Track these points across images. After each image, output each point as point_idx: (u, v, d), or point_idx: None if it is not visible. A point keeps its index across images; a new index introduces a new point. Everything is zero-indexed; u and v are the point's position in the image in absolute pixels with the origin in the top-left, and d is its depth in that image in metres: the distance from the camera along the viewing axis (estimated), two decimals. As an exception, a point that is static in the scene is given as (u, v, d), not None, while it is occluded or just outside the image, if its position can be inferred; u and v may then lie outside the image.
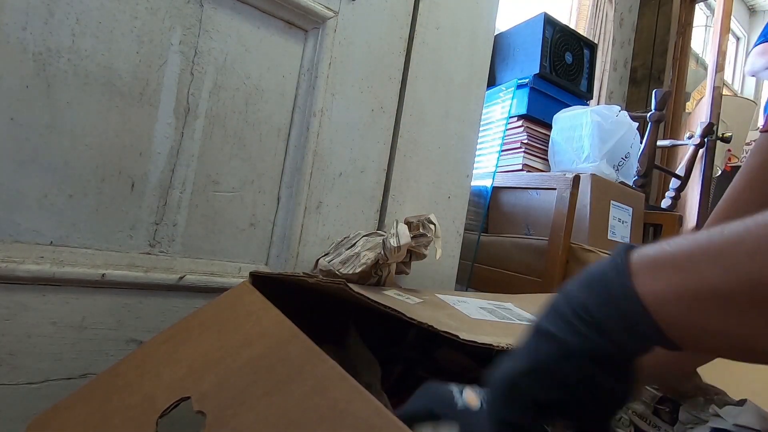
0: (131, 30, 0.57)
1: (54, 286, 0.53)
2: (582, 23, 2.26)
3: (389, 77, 0.80)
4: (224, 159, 0.65)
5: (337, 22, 0.72)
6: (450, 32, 0.87)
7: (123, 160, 0.57)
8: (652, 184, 2.13)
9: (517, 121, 1.45)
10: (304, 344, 0.32)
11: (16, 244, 0.51)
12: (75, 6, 0.53)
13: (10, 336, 0.51)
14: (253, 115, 0.67)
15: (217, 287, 0.63)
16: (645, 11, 2.58)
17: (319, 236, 0.73)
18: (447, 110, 0.87)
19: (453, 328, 0.36)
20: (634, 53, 2.57)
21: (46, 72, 0.52)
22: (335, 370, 0.28)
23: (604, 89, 2.31)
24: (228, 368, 0.33)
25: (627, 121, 1.36)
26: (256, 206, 0.69)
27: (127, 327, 0.58)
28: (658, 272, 0.23)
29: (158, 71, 0.59)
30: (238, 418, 0.28)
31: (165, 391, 0.34)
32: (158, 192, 0.60)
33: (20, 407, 0.52)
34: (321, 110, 0.71)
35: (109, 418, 0.34)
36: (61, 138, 0.53)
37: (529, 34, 1.50)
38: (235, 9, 0.64)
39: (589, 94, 1.62)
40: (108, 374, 0.40)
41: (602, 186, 1.19)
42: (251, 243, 0.69)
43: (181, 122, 0.61)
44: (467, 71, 0.90)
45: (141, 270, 0.59)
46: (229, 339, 0.37)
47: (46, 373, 0.53)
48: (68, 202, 0.54)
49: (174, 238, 0.62)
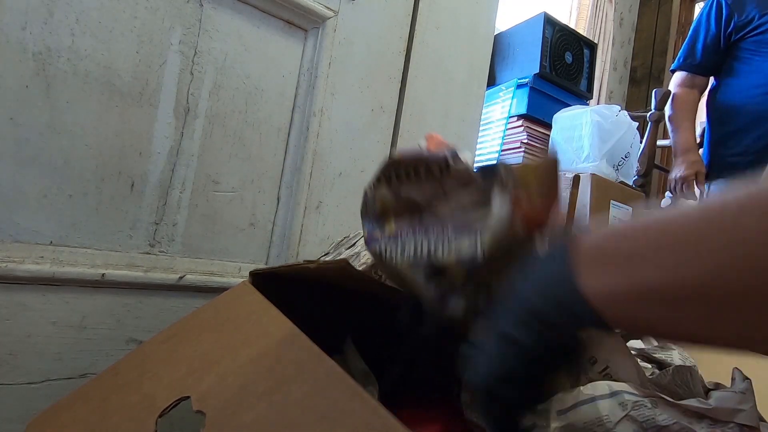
0: (131, 30, 0.57)
1: (54, 286, 0.53)
2: (582, 23, 2.26)
3: (389, 77, 0.80)
4: (224, 159, 0.65)
5: (337, 21, 0.72)
6: (450, 32, 0.87)
7: (123, 160, 0.57)
8: (652, 184, 2.13)
9: (517, 120, 1.45)
10: (304, 344, 0.32)
11: (16, 244, 0.51)
12: (75, 6, 0.53)
13: (10, 336, 0.51)
14: (253, 115, 0.67)
15: (217, 287, 0.63)
16: (645, 11, 2.58)
17: (319, 236, 0.73)
18: (447, 110, 0.87)
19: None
20: (634, 53, 2.57)
21: (45, 72, 0.52)
22: (335, 370, 0.28)
23: (604, 89, 2.31)
24: (228, 368, 0.33)
25: (627, 121, 1.36)
26: (256, 206, 0.69)
27: (127, 327, 0.58)
28: (602, 269, 0.23)
29: (158, 71, 0.59)
30: (237, 417, 0.28)
31: (165, 391, 0.34)
32: (158, 192, 0.60)
33: (20, 407, 0.52)
34: (321, 110, 0.71)
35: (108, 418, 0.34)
36: (61, 138, 0.53)
37: (529, 33, 1.50)
38: (235, 9, 0.64)
39: (589, 93, 1.62)
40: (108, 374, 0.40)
41: (602, 186, 1.19)
42: (251, 243, 0.69)
43: (181, 122, 0.61)
44: (467, 71, 0.90)
45: (141, 270, 0.59)
46: (229, 339, 0.37)
47: (46, 373, 0.53)
48: (68, 202, 0.54)
49: (174, 237, 0.62)
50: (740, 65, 1.30)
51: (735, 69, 1.31)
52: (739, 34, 1.28)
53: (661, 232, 0.21)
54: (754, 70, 1.26)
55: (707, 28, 1.33)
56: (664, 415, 0.28)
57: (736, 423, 0.28)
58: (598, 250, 0.23)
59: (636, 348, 0.52)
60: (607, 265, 0.22)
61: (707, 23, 1.33)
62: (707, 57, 1.34)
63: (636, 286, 0.21)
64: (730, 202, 0.19)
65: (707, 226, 0.19)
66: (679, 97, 1.37)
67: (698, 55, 1.35)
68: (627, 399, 0.29)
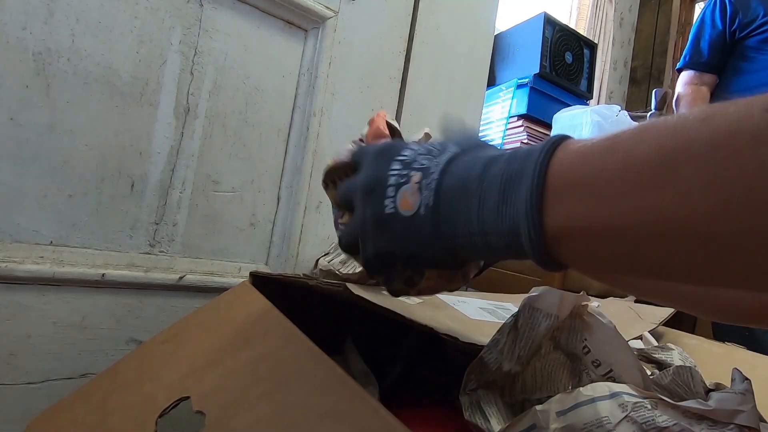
0: (131, 30, 0.57)
1: (54, 286, 0.53)
2: (582, 23, 2.26)
3: (389, 77, 0.80)
4: (224, 159, 0.65)
5: (337, 21, 0.72)
6: (450, 32, 0.87)
7: (123, 160, 0.57)
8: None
9: (517, 120, 1.45)
10: (304, 344, 0.32)
11: (16, 244, 0.51)
12: (75, 6, 0.53)
13: (10, 336, 0.51)
14: (253, 115, 0.67)
15: (217, 287, 0.63)
16: (645, 11, 2.58)
17: (319, 236, 0.73)
18: (447, 110, 0.87)
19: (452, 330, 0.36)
20: (634, 53, 2.57)
21: (45, 72, 0.52)
22: (335, 370, 0.28)
23: (604, 89, 2.31)
24: (228, 368, 0.33)
25: (627, 121, 1.36)
26: (256, 206, 0.69)
27: (127, 327, 0.58)
28: (574, 197, 0.20)
29: (158, 71, 0.59)
30: (237, 417, 0.28)
31: (164, 391, 0.34)
32: (158, 192, 0.60)
33: (20, 407, 0.52)
34: (321, 110, 0.71)
35: (108, 418, 0.34)
36: (61, 138, 0.53)
37: (529, 33, 1.50)
38: (235, 9, 0.64)
39: (589, 93, 1.62)
40: (108, 374, 0.40)
41: (602, 186, 1.19)
42: (251, 243, 0.69)
43: (181, 122, 0.61)
44: (467, 71, 0.90)
45: (141, 270, 0.59)
46: (229, 339, 0.37)
47: (46, 373, 0.53)
48: (68, 202, 0.54)
49: (174, 237, 0.62)
50: (744, 64, 1.29)
51: (739, 67, 1.30)
52: (743, 32, 1.28)
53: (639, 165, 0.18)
54: (758, 68, 1.26)
55: (712, 25, 1.32)
56: (663, 417, 0.28)
57: (736, 424, 0.28)
58: (574, 173, 0.20)
59: (636, 348, 0.52)
60: (579, 194, 0.20)
61: (712, 21, 1.32)
62: (714, 54, 1.33)
63: (601, 222, 0.19)
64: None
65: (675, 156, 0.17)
66: (688, 96, 1.36)
67: (705, 52, 1.34)
68: (627, 400, 0.29)
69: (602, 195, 0.19)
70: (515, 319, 0.35)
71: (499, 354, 0.35)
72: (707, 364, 0.52)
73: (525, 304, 0.35)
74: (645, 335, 0.57)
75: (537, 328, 0.35)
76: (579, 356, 0.36)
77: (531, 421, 0.30)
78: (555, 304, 0.35)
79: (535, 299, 0.35)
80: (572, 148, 0.21)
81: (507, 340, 0.35)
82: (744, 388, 0.31)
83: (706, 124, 0.17)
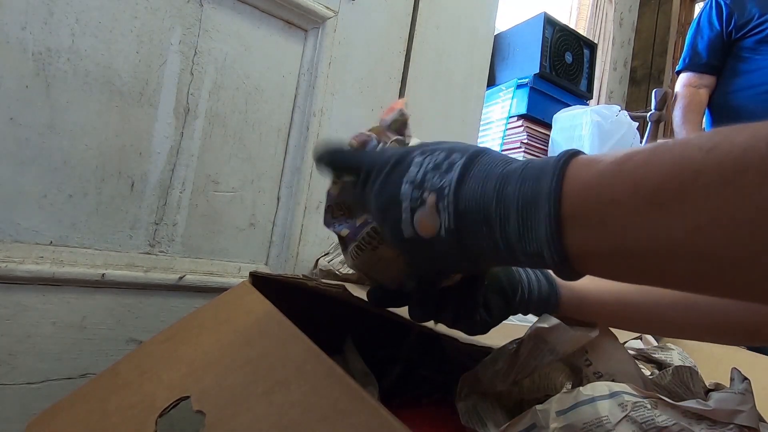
0: (131, 30, 0.57)
1: (54, 286, 0.53)
2: (582, 23, 2.26)
3: (389, 77, 0.80)
4: (224, 159, 0.65)
5: (337, 21, 0.72)
6: (450, 32, 0.87)
7: (123, 160, 0.57)
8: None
9: (517, 120, 1.45)
10: (304, 344, 0.32)
11: (16, 244, 0.51)
12: (75, 6, 0.53)
13: (10, 336, 0.51)
14: (253, 115, 0.67)
15: (217, 287, 0.63)
16: (645, 11, 2.58)
17: (319, 236, 0.73)
18: (447, 110, 0.87)
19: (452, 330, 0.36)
20: (634, 53, 2.57)
21: (45, 72, 0.52)
22: (335, 370, 0.28)
23: (604, 89, 2.31)
24: (228, 368, 0.33)
25: (627, 121, 1.36)
26: (256, 206, 0.69)
27: (127, 327, 0.58)
28: (589, 227, 0.21)
29: (158, 71, 0.59)
30: (237, 417, 0.28)
31: (164, 391, 0.34)
32: (158, 192, 0.60)
33: (20, 407, 0.52)
34: (321, 110, 0.71)
35: (108, 418, 0.34)
36: (61, 138, 0.53)
37: (528, 33, 1.50)
38: (235, 9, 0.64)
39: (588, 93, 1.62)
40: (107, 374, 0.40)
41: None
42: (251, 243, 0.69)
43: (181, 122, 0.61)
44: (467, 71, 0.90)
45: (141, 270, 0.59)
46: (229, 339, 0.37)
47: (46, 373, 0.53)
48: (68, 201, 0.54)
49: (174, 238, 0.62)
50: (741, 64, 1.30)
51: (735, 68, 1.31)
52: (739, 33, 1.28)
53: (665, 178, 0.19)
54: (754, 68, 1.26)
55: (710, 27, 1.33)
56: (663, 416, 0.28)
57: (735, 424, 0.28)
58: (590, 199, 0.21)
59: (635, 348, 0.52)
60: (596, 220, 0.21)
61: (708, 23, 1.33)
62: (713, 55, 1.34)
63: (620, 247, 0.20)
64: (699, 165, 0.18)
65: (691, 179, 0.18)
66: (687, 97, 1.37)
67: (704, 54, 1.34)
68: (626, 400, 0.29)
69: (615, 226, 0.20)
70: (518, 346, 0.35)
71: (494, 375, 0.34)
72: (707, 364, 0.52)
73: (532, 335, 0.34)
74: (645, 335, 0.57)
75: (539, 360, 0.34)
76: (580, 368, 0.36)
77: (531, 420, 0.30)
78: (564, 341, 0.34)
79: (545, 332, 0.34)
80: (583, 173, 0.22)
81: (505, 365, 0.34)
82: (743, 388, 0.31)
83: (711, 156, 0.18)
